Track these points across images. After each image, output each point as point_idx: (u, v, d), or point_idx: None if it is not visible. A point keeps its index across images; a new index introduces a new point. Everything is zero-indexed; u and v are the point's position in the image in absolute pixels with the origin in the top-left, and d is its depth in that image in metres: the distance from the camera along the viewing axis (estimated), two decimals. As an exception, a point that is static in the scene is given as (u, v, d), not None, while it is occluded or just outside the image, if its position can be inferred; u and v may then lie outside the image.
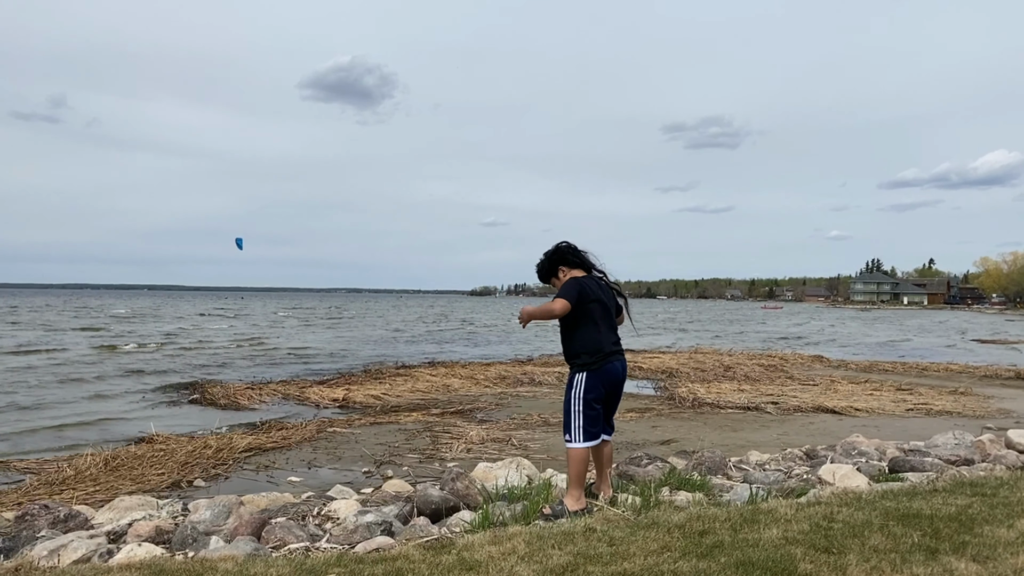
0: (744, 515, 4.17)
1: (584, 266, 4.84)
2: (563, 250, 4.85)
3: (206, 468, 7.30)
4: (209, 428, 9.59)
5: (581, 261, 4.84)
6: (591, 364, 4.57)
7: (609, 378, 4.62)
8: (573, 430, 4.54)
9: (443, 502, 4.84)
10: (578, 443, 4.53)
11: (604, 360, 4.60)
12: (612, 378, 4.65)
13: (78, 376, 15.76)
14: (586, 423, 4.53)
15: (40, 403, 12.03)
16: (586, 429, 4.53)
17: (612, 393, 4.72)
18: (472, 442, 8.58)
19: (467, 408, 11.51)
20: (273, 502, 5.33)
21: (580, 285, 4.62)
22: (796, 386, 14.56)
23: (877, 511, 4.19)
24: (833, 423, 10.33)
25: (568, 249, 4.85)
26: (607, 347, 4.64)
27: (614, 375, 4.66)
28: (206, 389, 13.26)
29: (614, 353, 4.69)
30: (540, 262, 4.93)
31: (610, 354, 4.64)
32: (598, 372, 4.57)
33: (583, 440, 4.53)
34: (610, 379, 4.63)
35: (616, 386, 4.73)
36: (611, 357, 4.64)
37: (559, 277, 4.84)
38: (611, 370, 4.63)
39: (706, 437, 9.12)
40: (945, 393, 13.47)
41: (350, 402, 12.14)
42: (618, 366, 4.69)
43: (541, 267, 4.93)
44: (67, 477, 6.80)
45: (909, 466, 5.92)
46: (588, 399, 4.54)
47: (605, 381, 4.60)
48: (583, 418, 4.53)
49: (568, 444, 4.58)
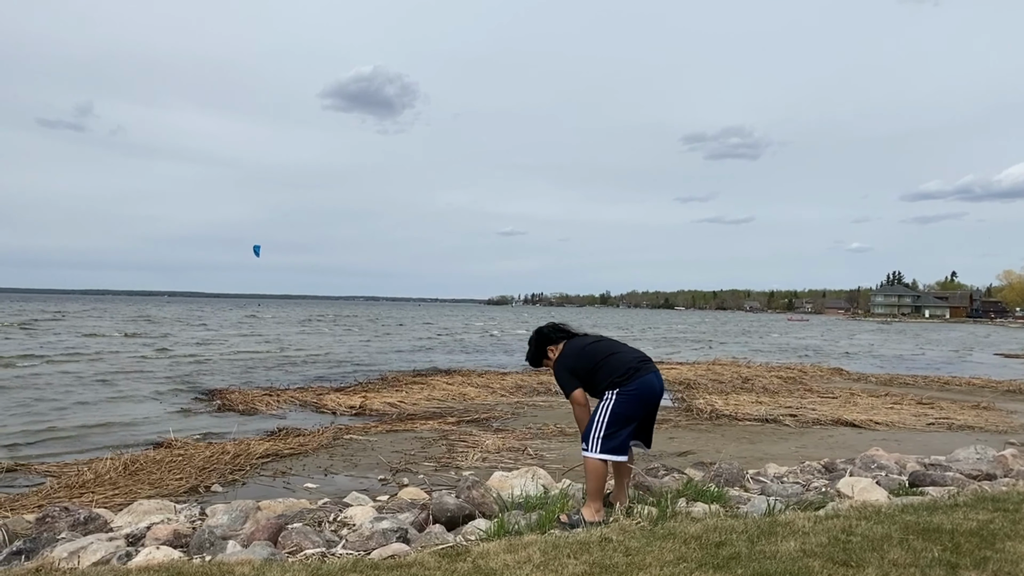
0: (761, 527, 4.13)
1: (566, 334, 4.92)
2: (545, 334, 4.94)
3: (224, 473, 7.35)
4: (227, 434, 9.65)
5: (564, 332, 4.92)
6: (620, 380, 4.51)
7: (646, 393, 4.53)
8: (592, 439, 4.45)
9: (459, 510, 4.84)
10: (594, 453, 4.44)
11: (635, 374, 4.53)
12: (649, 393, 4.55)
13: (102, 380, 15.93)
14: (607, 435, 4.43)
15: (63, 406, 12.17)
16: (605, 441, 4.43)
17: (652, 409, 4.65)
18: (488, 451, 8.58)
19: (483, 417, 11.51)
20: (290, 508, 5.35)
21: (565, 366, 4.69)
22: (815, 399, 14.42)
23: (897, 525, 4.15)
24: (852, 436, 10.23)
25: (550, 329, 4.96)
26: (630, 364, 4.58)
27: (650, 389, 4.56)
28: (225, 395, 13.36)
29: (642, 365, 4.62)
30: (528, 352, 5.04)
31: (637, 369, 4.57)
32: (631, 388, 4.48)
33: (599, 451, 4.43)
34: (647, 394, 4.54)
35: (653, 401, 4.62)
36: (640, 370, 4.57)
37: (549, 357, 4.92)
38: (646, 383, 4.53)
39: (723, 449, 9.06)
40: (967, 407, 13.29)
41: (367, 409, 12.18)
42: (653, 379, 4.60)
43: (531, 356, 5.03)
44: (87, 480, 6.87)
45: (930, 480, 5.85)
46: (618, 413, 4.45)
47: (642, 397, 4.51)
48: (605, 429, 4.44)
49: (584, 453, 4.51)
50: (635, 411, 4.51)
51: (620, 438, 4.46)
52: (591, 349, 4.71)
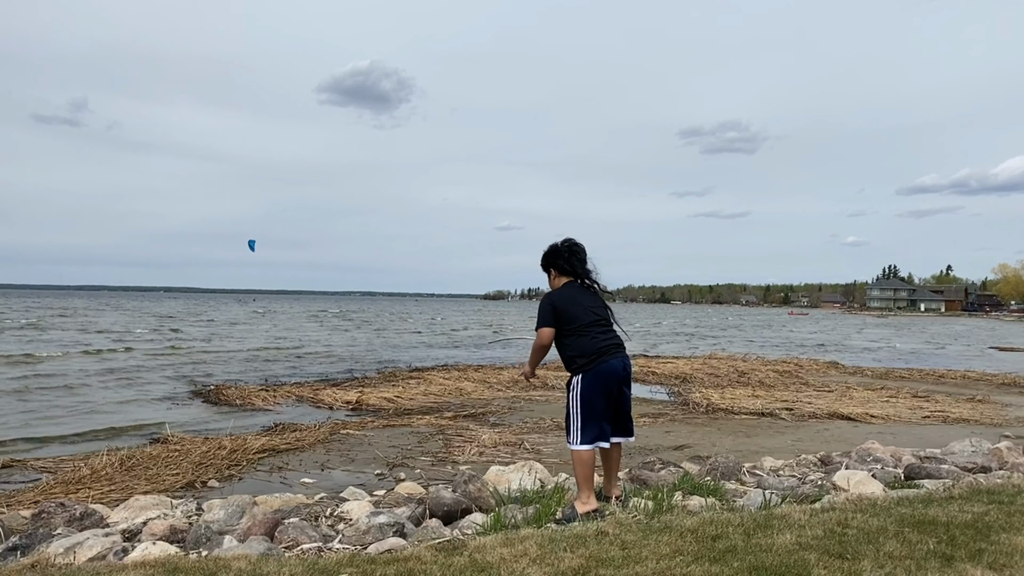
0: (757, 520, 4.15)
1: (574, 272, 4.89)
2: (558, 251, 4.93)
3: (220, 469, 7.35)
4: (224, 429, 9.64)
5: (571, 267, 4.89)
6: (585, 365, 4.60)
7: (607, 376, 4.59)
8: (572, 431, 4.58)
9: (455, 504, 4.84)
10: (577, 444, 4.55)
11: (598, 358, 4.60)
12: (610, 375, 4.61)
13: (101, 376, 15.90)
14: (584, 423, 4.54)
15: (60, 403, 12.15)
16: (585, 430, 4.54)
17: (615, 391, 4.68)
18: (484, 445, 8.58)
19: (479, 412, 11.51)
20: (286, 503, 5.35)
21: (552, 303, 4.73)
22: (811, 392, 14.46)
23: (892, 518, 4.16)
24: (848, 430, 10.26)
25: (563, 250, 4.92)
26: (600, 346, 4.64)
27: (612, 372, 4.62)
28: (221, 391, 13.34)
29: (610, 350, 4.67)
30: (542, 255, 5.03)
31: (604, 352, 4.63)
32: (594, 372, 4.57)
33: (581, 441, 4.53)
34: (608, 376, 4.60)
35: (617, 383, 4.67)
36: (606, 355, 4.63)
37: (550, 277, 4.99)
38: (608, 368, 4.60)
39: (720, 443, 9.07)
40: (962, 401, 13.33)
41: (363, 405, 12.17)
42: (616, 363, 4.65)
43: (541, 261, 5.05)
44: (83, 476, 6.85)
45: (925, 473, 5.87)
46: (586, 398, 4.56)
47: (603, 379, 4.58)
48: (581, 418, 4.55)
49: (569, 445, 4.64)
50: (600, 394, 4.59)
51: (598, 424, 4.57)
52: (582, 312, 4.71)
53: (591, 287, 4.91)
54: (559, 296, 4.79)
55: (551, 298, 4.79)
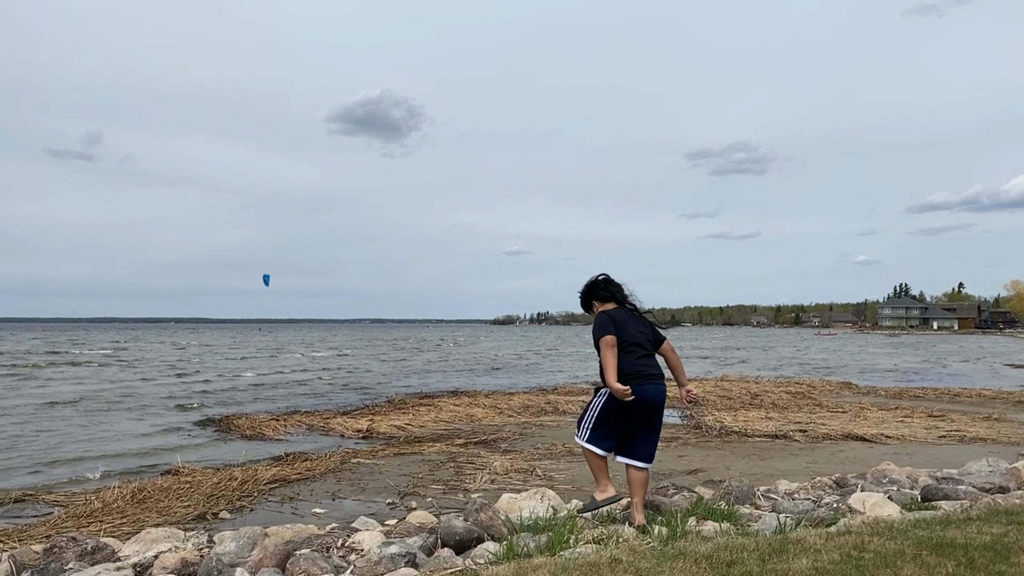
0: (773, 545, 4.09)
1: (615, 299, 5.06)
2: (596, 284, 5.14)
3: (231, 500, 7.33)
4: (235, 460, 9.63)
5: (611, 294, 5.07)
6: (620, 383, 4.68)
7: (639, 399, 4.68)
8: (582, 426, 4.85)
9: (467, 533, 4.80)
10: (582, 439, 4.84)
11: (633, 380, 4.70)
12: (642, 399, 4.71)
13: (114, 408, 15.94)
14: (594, 428, 4.79)
15: (72, 434, 12.18)
16: (593, 432, 4.79)
17: (642, 416, 4.80)
18: (496, 472, 8.54)
19: (491, 438, 11.47)
20: (297, 534, 5.33)
21: (609, 315, 4.90)
22: (825, 413, 14.34)
23: (909, 540, 4.10)
24: (863, 451, 10.15)
25: (601, 283, 5.13)
26: (638, 369, 4.77)
27: (644, 396, 4.72)
28: (232, 420, 13.35)
29: (648, 377, 4.79)
30: (580, 294, 5.25)
31: (640, 375, 4.75)
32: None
33: (587, 440, 4.81)
34: (641, 400, 4.69)
35: (647, 409, 4.79)
36: (640, 378, 4.74)
37: (593, 309, 5.13)
38: (639, 392, 4.70)
39: (733, 466, 8.99)
40: (978, 419, 13.19)
41: (374, 432, 12.15)
42: (649, 388, 4.77)
43: (581, 300, 5.26)
44: (95, 510, 6.86)
45: (942, 494, 5.79)
46: (606, 411, 4.76)
47: (632, 401, 4.65)
48: (594, 423, 4.80)
49: (576, 439, 4.90)
50: (620, 413, 4.75)
51: (605, 436, 4.80)
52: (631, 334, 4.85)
53: (635, 311, 5.06)
54: (613, 312, 4.96)
55: (606, 313, 4.95)
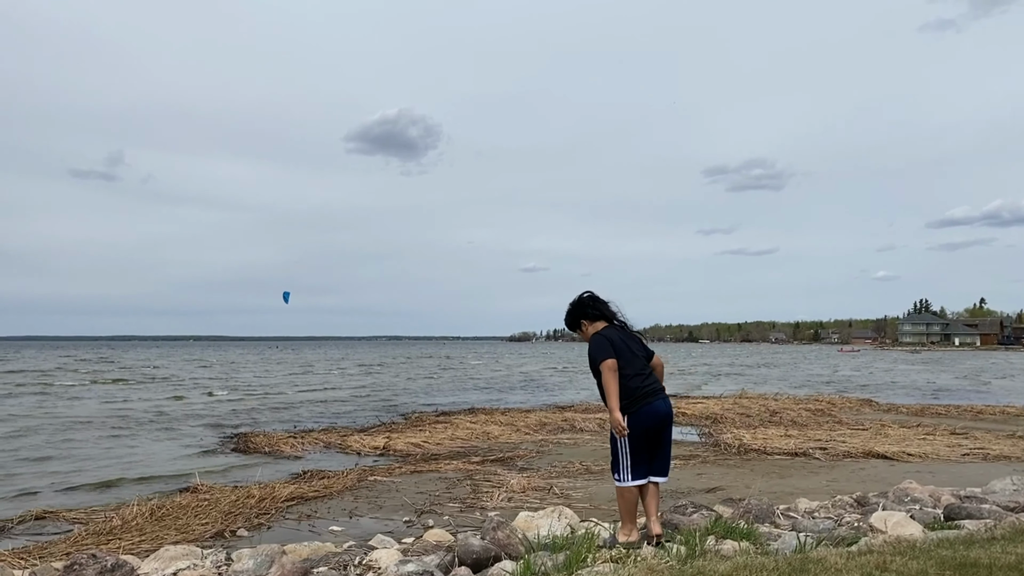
0: (793, 564, 4.05)
1: (604, 317, 5.06)
2: (583, 303, 5.09)
3: (249, 517, 7.35)
4: (252, 477, 9.66)
5: (601, 312, 5.06)
6: (629, 407, 4.73)
7: (650, 418, 4.75)
8: (621, 469, 4.79)
9: (484, 552, 4.79)
10: (626, 481, 4.77)
11: (642, 401, 4.75)
12: (653, 417, 4.77)
13: (135, 426, 16.06)
14: (635, 462, 4.75)
15: (94, 452, 12.28)
16: (636, 468, 4.76)
17: (657, 432, 4.84)
18: (513, 491, 8.51)
19: (507, 456, 11.44)
20: (315, 551, 5.33)
21: (606, 337, 4.87)
22: (845, 431, 14.18)
23: (932, 560, 4.04)
24: (884, 469, 10.03)
25: (588, 302, 5.09)
26: (645, 389, 4.78)
27: (654, 414, 4.78)
28: (250, 438, 13.40)
29: (652, 394, 4.82)
30: (566, 314, 5.20)
31: (647, 395, 4.78)
32: (640, 413, 4.72)
33: (632, 479, 4.76)
34: (651, 419, 4.75)
35: (660, 425, 4.84)
36: (649, 398, 4.78)
37: (582, 329, 5.09)
38: (651, 410, 4.76)
39: (752, 484, 8.91)
40: (1002, 437, 13.00)
41: (391, 450, 12.15)
42: (660, 405, 4.83)
43: (566, 320, 5.21)
44: (114, 527, 6.90)
45: (965, 513, 5.71)
46: (634, 438, 4.72)
47: (646, 421, 4.73)
48: (631, 457, 4.75)
49: (617, 483, 4.82)
50: (644, 434, 4.76)
51: (646, 463, 4.80)
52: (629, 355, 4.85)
53: (625, 327, 5.06)
54: (607, 331, 4.94)
55: (603, 333, 4.92)
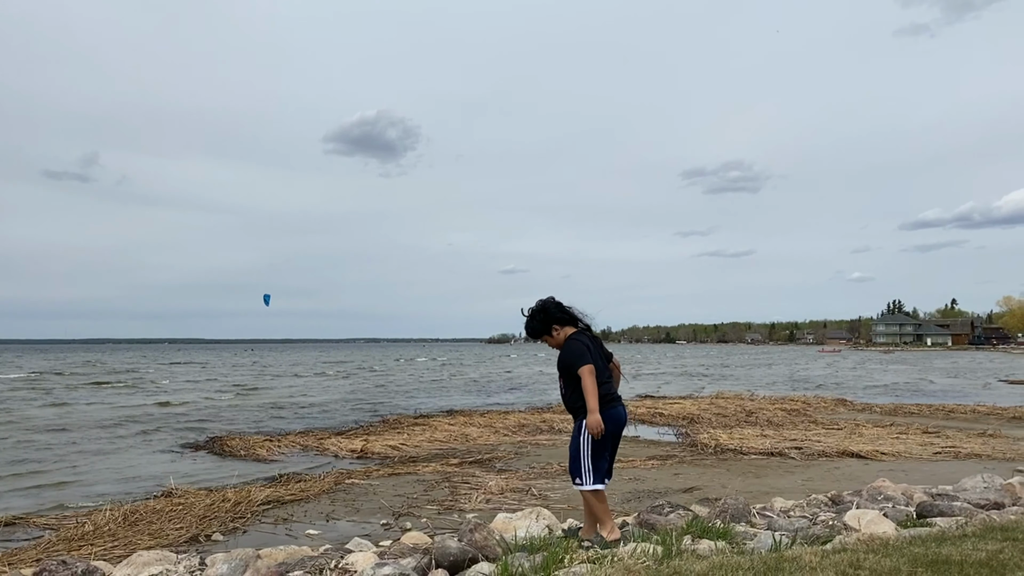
0: (768, 563, 4.08)
1: (572, 321, 5.09)
2: (547, 309, 5.08)
3: (224, 521, 7.27)
4: (228, 481, 9.57)
5: (569, 317, 5.09)
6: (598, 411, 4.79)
7: (612, 422, 4.86)
8: (584, 473, 4.84)
9: (462, 554, 4.77)
10: (590, 484, 4.83)
11: (608, 406, 4.85)
12: (615, 422, 4.91)
13: (105, 429, 15.84)
14: (595, 464, 4.83)
15: (66, 456, 12.09)
16: (596, 470, 4.83)
17: (615, 437, 4.98)
18: (491, 492, 8.50)
19: (486, 458, 11.42)
20: (291, 555, 5.29)
21: (582, 341, 4.92)
22: (820, 431, 14.32)
23: (905, 557, 4.09)
24: (858, 468, 10.14)
25: (551, 306, 5.09)
26: (608, 393, 4.90)
27: (617, 418, 4.93)
28: (225, 442, 13.26)
29: (616, 399, 4.98)
30: (530, 321, 5.12)
31: (612, 400, 4.92)
32: (604, 417, 4.78)
33: (594, 481, 4.83)
34: (612, 423, 4.87)
35: (618, 430, 4.99)
36: (614, 403, 4.94)
37: (552, 335, 5.08)
38: (614, 414, 4.90)
39: (729, 484, 8.97)
40: (973, 436, 13.20)
41: (368, 453, 12.09)
42: (621, 411, 5.00)
43: (532, 327, 5.12)
44: (86, 532, 6.79)
45: (937, 511, 5.79)
46: (596, 442, 4.79)
47: (609, 425, 4.82)
48: (592, 459, 4.82)
49: (581, 487, 4.89)
50: (604, 443, 4.82)
51: (603, 465, 4.89)
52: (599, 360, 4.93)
53: (589, 330, 5.13)
54: (578, 335, 4.99)
55: (577, 339, 4.95)
